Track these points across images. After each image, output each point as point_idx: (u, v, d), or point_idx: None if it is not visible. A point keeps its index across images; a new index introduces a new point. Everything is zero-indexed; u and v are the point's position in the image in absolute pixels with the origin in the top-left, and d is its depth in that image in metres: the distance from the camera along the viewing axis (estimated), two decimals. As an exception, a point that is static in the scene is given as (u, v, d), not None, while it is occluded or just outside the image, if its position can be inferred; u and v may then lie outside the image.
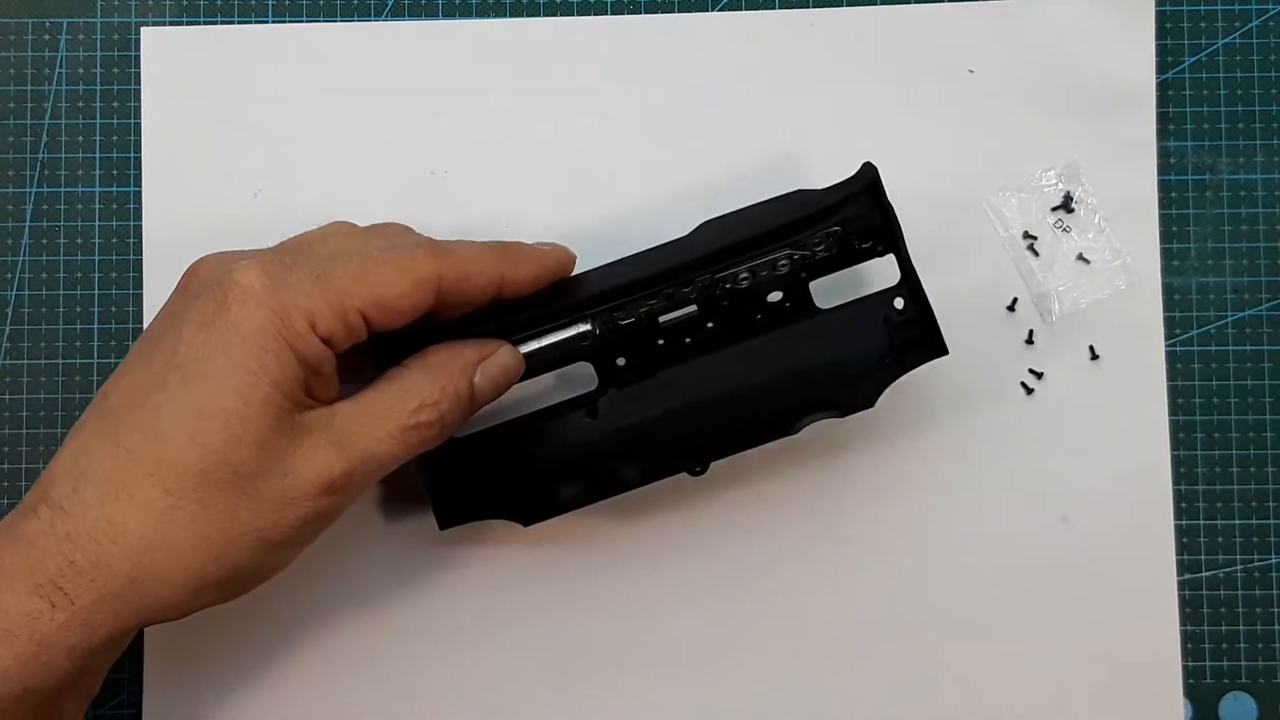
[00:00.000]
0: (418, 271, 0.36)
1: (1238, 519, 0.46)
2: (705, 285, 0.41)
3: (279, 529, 0.35)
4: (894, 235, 0.41)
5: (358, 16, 0.47)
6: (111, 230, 0.46)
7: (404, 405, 0.37)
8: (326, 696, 0.45)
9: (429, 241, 0.38)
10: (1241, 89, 0.47)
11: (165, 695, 0.44)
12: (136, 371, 0.35)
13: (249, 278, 0.35)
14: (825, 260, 0.42)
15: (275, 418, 0.34)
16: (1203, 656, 0.45)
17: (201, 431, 0.34)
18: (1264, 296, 0.46)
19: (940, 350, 0.41)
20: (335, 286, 0.35)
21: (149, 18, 0.47)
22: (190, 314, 0.35)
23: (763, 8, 0.47)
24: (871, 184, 0.41)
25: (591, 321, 0.41)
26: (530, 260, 0.39)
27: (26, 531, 0.34)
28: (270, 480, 0.35)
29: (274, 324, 0.34)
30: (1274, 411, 0.46)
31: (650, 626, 0.45)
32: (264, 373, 0.34)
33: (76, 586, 0.34)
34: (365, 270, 0.36)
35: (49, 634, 0.34)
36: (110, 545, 0.34)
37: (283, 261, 0.35)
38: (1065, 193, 0.46)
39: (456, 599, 0.45)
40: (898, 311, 0.42)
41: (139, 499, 0.34)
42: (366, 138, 0.46)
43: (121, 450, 0.34)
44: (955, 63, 0.46)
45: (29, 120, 0.46)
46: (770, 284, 0.42)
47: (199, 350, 0.34)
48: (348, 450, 0.36)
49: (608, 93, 0.46)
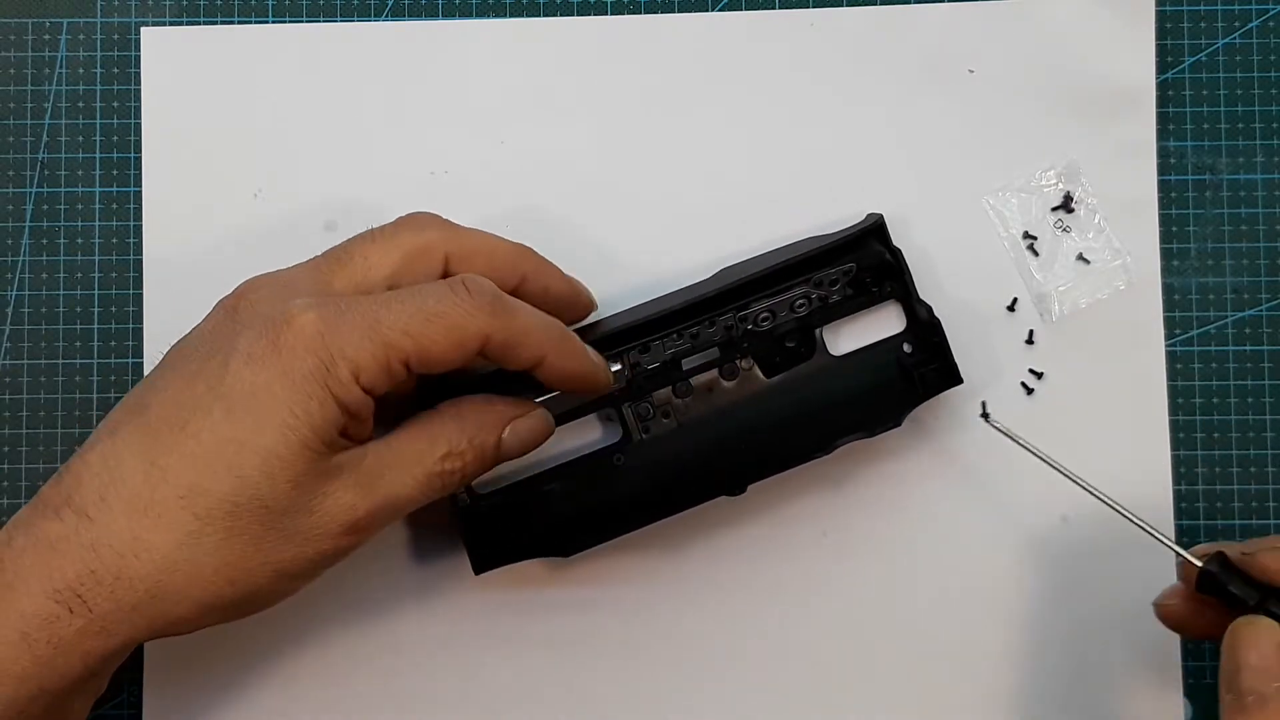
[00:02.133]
0: (466, 333, 0.36)
1: (1238, 519, 0.46)
2: (728, 325, 0.43)
3: (297, 563, 0.36)
4: (903, 277, 0.44)
5: (358, 16, 0.47)
6: (111, 230, 0.46)
7: (432, 452, 0.37)
8: (326, 698, 0.45)
9: (492, 298, 0.37)
10: (1241, 89, 0.47)
11: (165, 695, 0.44)
12: (178, 389, 0.35)
13: (304, 322, 0.35)
14: (839, 303, 0.44)
15: (310, 460, 0.35)
16: (1202, 656, 0.45)
17: (239, 464, 0.34)
18: (1264, 296, 0.46)
19: (955, 380, 0.43)
20: (384, 340, 0.35)
21: (149, 18, 0.47)
22: (239, 344, 0.35)
23: (763, 8, 0.47)
24: (878, 228, 0.44)
25: (620, 361, 0.43)
26: (577, 357, 0.39)
27: (48, 533, 0.34)
28: (297, 517, 0.35)
29: (320, 372, 0.34)
30: (1274, 411, 0.46)
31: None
32: (306, 418, 0.34)
33: (95, 596, 0.34)
34: (415, 324, 0.35)
35: (66, 638, 0.34)
36: (133, 560, 0.34)
37: (338, 307, 0.35)
38: (1065, 193, 0.46)
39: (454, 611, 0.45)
40: (907, 354, 0.44)
41: (167, 519, 0.34)
42: (366, 138, 0.46)
43: (156, 469, 0.34)
44: (955, 63, 0.46)
45: (29, 120, 0.46)
46: (789, 325, 0.43)
47: (246, 384, 0.34)
48: (373, 493, 0.36)
49: (608, 93, 0.46)
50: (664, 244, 0.46)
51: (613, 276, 0.45)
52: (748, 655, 0.45)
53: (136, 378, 0.46)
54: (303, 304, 0.35)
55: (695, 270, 0.45)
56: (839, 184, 0.46)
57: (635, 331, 0.43)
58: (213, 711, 0.44)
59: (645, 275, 0.45)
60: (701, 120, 0.46)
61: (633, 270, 0.45)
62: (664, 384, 0.43)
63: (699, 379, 0.44)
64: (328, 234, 0.45)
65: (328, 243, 0.45)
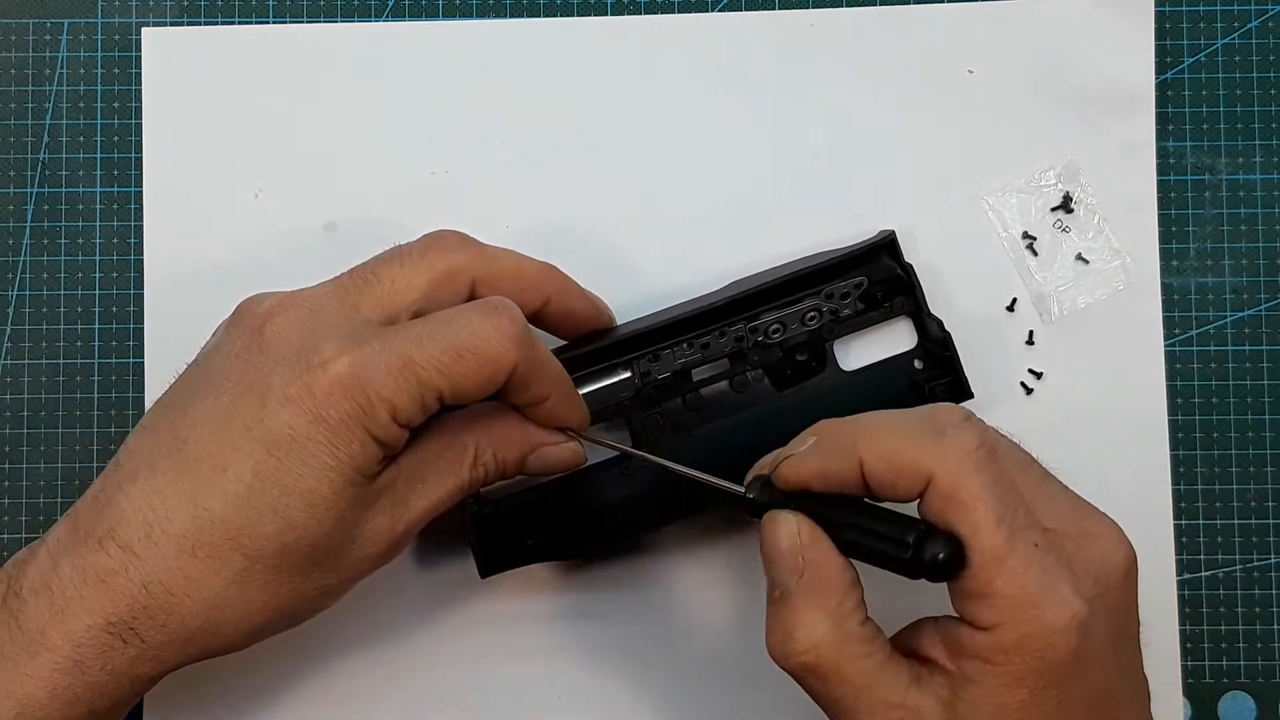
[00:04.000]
0: (497, 367, 0.36)
1: (1237, 519, 0.46)
2: (739, 336, 0.43)
3: (341, 585, 0.37)
4: (914, 293, 0.44)
5: (358, 17, 0.47)
6: (112, 230, 0.46)
7: (462, 464, 0.38)
8: (330, 700, 0.45)
9: (522, 330, 0.36)
10: (1241, 89, 0.47)
11: (166, 695, 0.44)
12: (215, 426, 0.35)
13: (339, 368, 0.35)
14: (850, 317, 0.44)
15: (352, 496, 0.35)
16: (1202, 656, 0.45)
17: (284, 507, 0.34)
18: (1263, 296, 0.46)
19: (965, 395, 0.44)
20: (419, 379, 0.35)
21: (150, 18, 0.47)
22: (274, 383, 0.35)
23: (763, 8, 0.47)
24: (890, 243, 0.44)
25: (630, 369, 0.42)
26: (574, 404, 0.39)
27: (96, 567, 0.34)
28: (342, 550, 0.36)
29: (359, 416, 0.35)
30: (1273, 411, 0.46)
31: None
32: (349, 460, 0.35)
33: (148, 629, 0.34)
34: (447, 361, 0.35)
35: (119, 667, 0.34)
36: (184, 598, 0.34)
37: (371, 349, 0.35)
38: (1065, 193, 0.46)
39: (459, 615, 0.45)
40: (918, 371, 0.44)
41: (217, 560, 0.34)
42: (366, 138, 0.46)
43: (202, 511, 0.34)
44: (955, 63, 0.46)
45: (30, 120, 0.46)
46: (800, 338, 0.43)
47: (284, 428, 0.34)
48: (408, 511, 0.37)
49: (607, 93, 0.46)
50: (663, 243, 0.46)
51: (613, 277, 0.45)
52: (755, 662, 0.45)
53: (138, 378, 0.46)
54: (335, 347, 0.35)
55: (695, 267, 0.45)
56: (839, 184, 0.46)
57: (646, 339, 0.42)
58: (215, 707, 0.44)
59: (645, 274, 0.45)
60: (701, 120, 0.46)
61: (633, 269, 0.45)
62: (674, 394, 0.43)
63: (709, 390, 0.43)
64: (328, 234, 0.45)
65: (328, 243, 0.45)
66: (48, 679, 0.34)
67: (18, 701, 0.34)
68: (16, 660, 0.34)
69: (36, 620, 0.34)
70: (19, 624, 0.34)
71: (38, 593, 0.34)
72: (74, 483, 0.46)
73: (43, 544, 0.35)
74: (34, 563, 0.35)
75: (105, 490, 0.35)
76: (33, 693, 0.34)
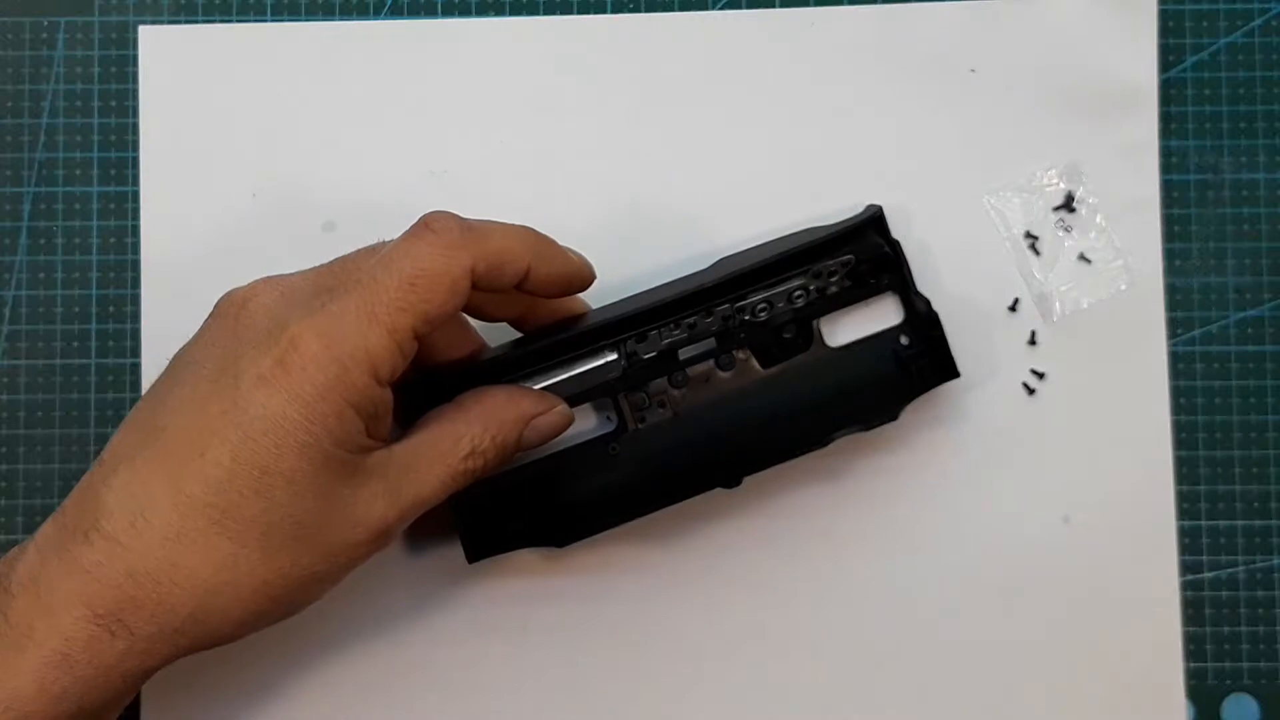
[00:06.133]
0: (453, 276, 0.36)
1: (1240, 519, 0.46)
2: (725, 316, 0.43)
3: (333, 572, 0.36)
4: (901, 270, 0.44)
5: (357, 16, 0.47)
6: (110, 230, 0.46)
7: (456, 451, 0.38)
8: (318, 687, 0.44)
9: (461, 231, 0.37)
10: (1244, 88, 0.47)
11: (165, 695, 0.44)
12: (192, 411, 0.35)
13: (306, 341, 0.35)
14: (837, 294, 0.44)
15: (336, 471, 0.35)
16: (1205, 657, 0.45)
17: (266, 487, 0.34)
18: (1266, 296, 0.46)
19: (952, 373, 0.43)
20: (386, 326, 0.35)
21: (147, 16, 0.47)
22: (246, 365, 0.35)
23: (763, 7, 0.47)
24: (877, 219, 0.44)
25: (617, 350, 0.42)
26: (559, 258, 0.39)
27: (81, 559, 0.34)
28: (331, 530, 0.36)
29: (335, 386, 0.34)
30: (1276, 411, 0.46)
31: (676, 647, 0.45)
32: (327, 434, 0.35)
33: (137, 620, 0.34)
34: (403, 295, 0.35)
35: (108, 660, 0.34)
36: (173, 586, 0.34)
37: (329, 314, 0.35)
38: (1067, 192, 0.46)
39: (447, 601, 0.45)
40: (904, 346, 0.44)
41: (203, 545, 0.34)
42: (366, 137, 0.46)
43: (184, 497, 0.34)
44: (956, 62, 0.46)
45: (26, 119, 0.46)
46: (786, 316, 0.43)
47: (258, 409, 0.34)
48: (401, 497, 0.37)
49: (607, 92, 0.46)
50: (663, 243, 0.46)
51: (612, 277, 0.44)
52: (742, 646, 0.45)
53: (135, 378, 0.46)
54: (299, 323, 0.35)
55: (695, 267, 0.45)
56: (839, 184, 0.46)
57: (632, 321, 0.42)
58: (209, 698, 0.44)
59: (645, 274, 0.45)
60: (701, 120, 0.46)
61: (633, 269, 0.45)
62: (660, 374, 0.43)
63: (695, 369, 0.43)
64: (326, 234, 0.45)
65: (327, 243, 0.45)
66: (35, 673, 0.33)
67: (4, 696, 0.33)
68: (3, 655, 0.34)
69: (24, 615, 0.34)
70: (6, 619, 0.34)
71: (25, 588, 0.34)
72: (70, 482, 0.45)
73: (31, 541, 0.35)
74: (23, 559, 0.35)
75: (90, 485, 0.35)
76: (20, 687, 0.33)
